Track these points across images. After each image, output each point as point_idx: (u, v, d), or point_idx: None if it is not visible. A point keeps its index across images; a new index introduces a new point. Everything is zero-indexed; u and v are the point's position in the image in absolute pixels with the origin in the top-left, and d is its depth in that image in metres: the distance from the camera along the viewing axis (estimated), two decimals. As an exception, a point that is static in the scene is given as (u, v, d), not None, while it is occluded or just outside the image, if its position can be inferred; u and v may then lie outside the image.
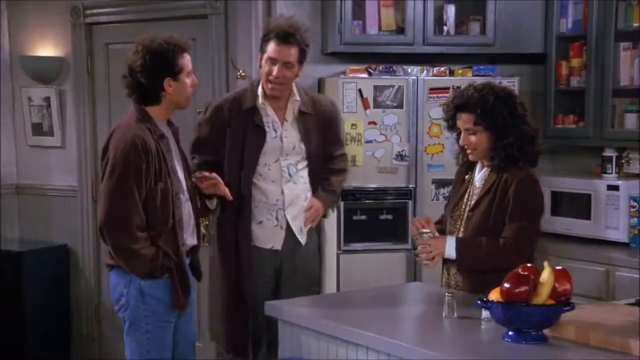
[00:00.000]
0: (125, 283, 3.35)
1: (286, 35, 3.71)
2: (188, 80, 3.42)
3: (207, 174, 3.65)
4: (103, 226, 3.30)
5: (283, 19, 3.85)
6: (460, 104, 3.28)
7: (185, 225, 3.43)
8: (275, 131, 3.86)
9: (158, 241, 3.32)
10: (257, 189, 3.85)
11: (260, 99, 3.83)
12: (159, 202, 3.31)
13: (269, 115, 3.85)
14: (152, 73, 3.34)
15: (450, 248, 3.27)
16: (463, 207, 3.38)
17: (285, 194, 3.86)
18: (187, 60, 3.41)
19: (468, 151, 3.34)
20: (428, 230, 3.35)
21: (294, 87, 3.87)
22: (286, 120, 3.87)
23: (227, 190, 3.70)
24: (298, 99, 3.86)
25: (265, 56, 3.76)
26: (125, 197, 3.26)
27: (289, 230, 3.89)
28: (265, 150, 3.83)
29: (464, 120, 3.28)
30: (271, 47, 3.73)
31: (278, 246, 3.89)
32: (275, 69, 3.72)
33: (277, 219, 3.87)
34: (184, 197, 3.45)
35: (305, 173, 3.92)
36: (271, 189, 3.85)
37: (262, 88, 3.83)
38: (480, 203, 3.30)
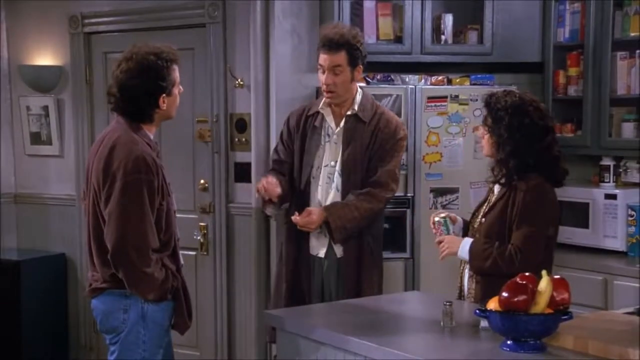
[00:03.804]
0: (124, 308, 3.15)
1: (329, 43, 3.82)
2: (176, 91, 3.29)
3: (264, 183, 3.80)
4: (117, 251, 3.06)
5: (330, 27, 3.95)
6: (485, 102, 3.40)
7: (180, 245, 3.33)
8: (329, 136, 3.96)
9: (164, 262, 3.17)
10: (311, 192, 3.92)
11: (321, 104, 3.96)
12: (164, 221, 3.17)
13: (327, 121, 3.96)
14: (150, 93, 3.18)
15: (463, 250, 3.35)
16: (480, 214, 3.45)
17: (327, 200, 3.89)
18: (177, 72, 3.27)
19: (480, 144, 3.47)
20: (444, 215, 3.49)
21: (358, 96, 3.95)
22: (339, 127, 3.93)
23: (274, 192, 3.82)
24: (356, 108, 3.92)
25: (318, 66, 3.89)
26: (141, 218, 3.07)
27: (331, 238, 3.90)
28: (319, 153, 3.93)
29: (484, 116, 3.43)
30: (320, 56, 3.87)
31: (322, 254, 3.93)
32: (324, 77, 3.84)
33: (321, 225, 3.85)
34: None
35: (339, 180, 3.91)
36: (317, 193, 3.92)
37: None
38: (492, 210, 3.37)
